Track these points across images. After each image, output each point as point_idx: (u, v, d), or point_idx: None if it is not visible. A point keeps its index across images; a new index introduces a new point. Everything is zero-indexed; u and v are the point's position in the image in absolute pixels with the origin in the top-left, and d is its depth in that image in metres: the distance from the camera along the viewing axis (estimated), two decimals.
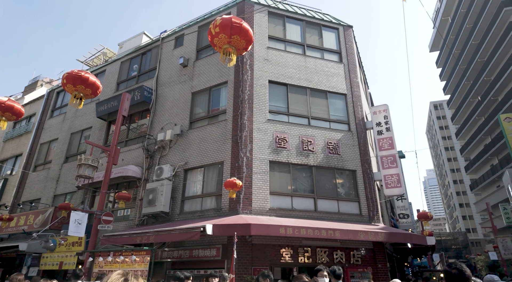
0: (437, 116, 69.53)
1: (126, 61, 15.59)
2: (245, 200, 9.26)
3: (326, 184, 10.45)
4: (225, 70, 11.51)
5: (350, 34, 13.57)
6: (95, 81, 5.17)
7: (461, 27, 41.37)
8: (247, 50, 3.83)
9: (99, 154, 13.15)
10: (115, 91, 14.89)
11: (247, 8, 12.14)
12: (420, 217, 15.30)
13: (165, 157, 11.51)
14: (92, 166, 8.72)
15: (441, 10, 47.27)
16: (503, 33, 31.47)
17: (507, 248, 23.30)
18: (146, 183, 11.34)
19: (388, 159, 11.46)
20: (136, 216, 11.13)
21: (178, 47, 13.66)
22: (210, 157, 10.50)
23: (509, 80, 31.29)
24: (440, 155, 69.02)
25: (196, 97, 12.09)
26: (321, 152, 10.67)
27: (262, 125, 10.45)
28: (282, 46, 12.21)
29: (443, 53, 50.20)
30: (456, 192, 62.23)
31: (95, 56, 19.78)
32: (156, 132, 12.22)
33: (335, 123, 11.51)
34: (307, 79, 11.78)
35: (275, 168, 10.08)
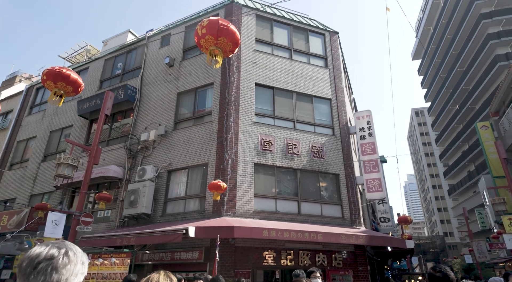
0: (418, 123, 71.47)
1: (111, 59, 15.28)
2: (229, 202, 9.21)
3: (310, 187, 10.54)
4: (212, 71, 11.46)
5: (336, 40, 13.79)
6: (77, 79, 5.03)
7: (442, 37, 42.78)
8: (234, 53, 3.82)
9: (80, 153, 12.80)
10: (98, 89, 14.55)
11: (235, 10, 12.14)
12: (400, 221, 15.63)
13: (148, 157, 11.32)
14: (72, 166, 8.46)
15: (424, 20, 48.75)
16: (481, 44, 32.74)
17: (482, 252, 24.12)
18: (127, 184, 11.11)
19: (370, 163, 11.67)
20: (116, 218, 10.88)
21: (164, 46, 13.51)
22: (194, 158, 10.40)
23: (486, 90, 32.54)
24: (420, 160, 70.91)
25: (182, 97, 11.97)
26: (305, 155, 10.76)
27: (248, 127, 10.44)
28: (269, 49, 12.27)
29: (425, 61, 51.74)
30: (435, 196, 64.03)
31: (78, 53, 19.27)
32: (139, 132, 12.01)
33: (319, 127, 11.63)
34: (293, 83, 11.88)
35: (260, 170, 10.08)
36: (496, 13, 31.96)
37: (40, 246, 1.00)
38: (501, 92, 18.08)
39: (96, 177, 11.14)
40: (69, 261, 0.99)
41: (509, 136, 17.23)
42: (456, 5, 37.32)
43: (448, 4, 39.83)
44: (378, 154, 11.86)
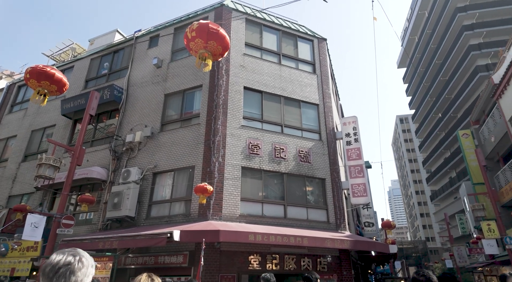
0: (402, 129, 73.04)
1: (97, 58, 15.02)
2: (215, 206, 9.15)
3: (296, 192, 10.59)
4: (200, 74, 11.41)
5: (324, 46, 13.99)
6: (62, 78, 4.92)
7: (426, 47, 44.00)
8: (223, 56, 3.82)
9: (62, 153, 12.48)
10: (83, 88, 14.26)
11: (225, 13, 12.17)
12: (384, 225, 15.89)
13: (133, 159, 11.14)
14: (53, 166, 8.24)
15: (409, 29, 50.07)
16: (463, 55, 33.85)
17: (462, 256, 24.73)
18: (111, 185, 10.89)
19: (356, 168, 11.84)
20: (99, 220, 10.63)
21: (153, 47, 13.39)
22: (181, 161, 10.30)
23: (468, 99, 33.60)
24: (404, 166, 72.37)
25: (169, 99, 11.87)
26: (292, 159, 10.82)
27: (236, 130, 10.43)
28: (258, 53, 12.33)
29: (410, 70, 53.07)
30: (417, 202, 65.39)
31: (63, 51, 18.87)
32: (125, 133, 11.81)
33: (307, 132, 11.73)
34: (282, 87, 11.96)
35: (247, 174, 10.07)
36: (477, 26, 33.15)
37: (58, 254, 1.27)
38: (481, 101, 18.71)
39: (78, 178, 10.88)
40: (82, 266, 1.26)
41: (489, 145, 17.81)
42: (440, 16, 38.52)
43: (432, 15, 41.07)
44: (363, 159, 12.05)
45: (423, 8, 44.64)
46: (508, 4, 33.20)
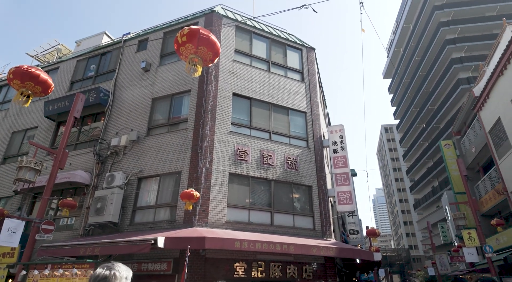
0: (387, 139, 74.47)
1: (83, 60, 14.77)
2: (201, 212, 9.04)
3: (283, 199, 10.59)
4: (189, 79, 11.37)
5: (312, 55, 14.20)
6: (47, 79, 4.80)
7: (411, 59, 45.29)
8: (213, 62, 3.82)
9: (44, 156, 12.13)
10: (68, 90, 13.97)
11: (215, 20, 12.21)
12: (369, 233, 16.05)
13: (118, 163, 10.92)
14: (34, 169, 7.97)
15: (395, 41, 51.48)
16: (446, 68, 35.01)
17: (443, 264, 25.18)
18: (95, 190, 10.63)
19: (342, 176, 11.96)
20: (81, 226, 10.33)
21: (141, 51, 13.27)
22: (167, 166, 10.16)
23: (450, 110, 34.65)
24: (388, 175, 73.59)
25: (157, 103, 11.75)
26: (280, 166, 10.84)
27: (224, 136, 10.40)
28: (248, 60, 12.40)
29: (395, 81, 54.41)
30: (401, 210, 66.45)
31: (48, 52, 18.47)
32: (110, 136, 11.60)
33: (294, 139, 11.81)
34: (271, 94, 12.03)
35: (234, 180, 10.02)
36: (459, 40, 34.41)
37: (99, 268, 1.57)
38: (462, 113, 19.31)
39: (60, 182, 10.57)
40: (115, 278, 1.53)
41: (470, 155, 18.35)
42: (424, 30, 39.79)
43: (417, 28, 42.39)
44: (349, 167, 12.19)
45: (408, 21, 46.04)
46: (487, 21, 34.65)
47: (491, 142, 14.69)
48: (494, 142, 14.41)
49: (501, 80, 13.03)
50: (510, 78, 12.25)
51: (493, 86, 13.76)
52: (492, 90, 13.92)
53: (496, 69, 13.04)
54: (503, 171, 13.72)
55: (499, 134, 13.83)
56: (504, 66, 12.46)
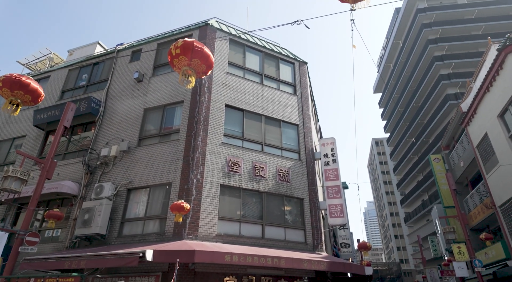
0: (378, 152, 75.24)
1: (75, 69, 14.70)
2: (191, 224, 8.90)
3: (274, 211, 10.52)
4: (182, 90, 11.38)
5: (304, 69, 14.41)
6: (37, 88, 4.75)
7: (401, 74, 46.33)
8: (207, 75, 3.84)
9: (31, 166, 11.88)
10: (59, 99, 13.83)
11: (209, 33, 12.35)
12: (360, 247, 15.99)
13: (108, 174, 10.75)
14: (20, 179, 7.78)
15: (385, 57, 52.70)
16: (434, 83, 35.89)
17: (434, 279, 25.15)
18: (82, 201, 10.41)
19: (333, 189, 11.98)
20: (67, 238, 10.05)
21: (134, 61, 13.29)
22: (157, 177, 10.04)
23: (439, 125, 35.33)
24: (379, 188, 74.02)
25: (149, 113, 11.70)
26: (272, 178, 10.82)
27: (216, 147, 10.37)
28: (241, 73, 12.51)
29: (385, 95, 55.43)
30: (392, 224, 66.59)
31: (40, 60, 18.35)
32: (100, 146, 11.45)
33: (286, 151, 11.84)
34: (263, 107, 12.11)
35: (225, 192, 9.93)
36: (446, 57, 35.44)
37: None
38: (451, 128, 19.70)
39: (47, 192, 10.33)
40: None
41: (458, 169, 18.62)
42: (413, 47, 40.90)
43: (406, 45, 43.55)
44: (340, 180, 12.23)
45: (397, 38, 47.31)
46: (473, 39, 35.86)
47: (479, 156, 14.96)
48: (482, 156, 14.68)
49: (487, 97, 13.39)
50: (496, 95, 12.60)
51: (480, 102, 14.12)
52: (479, 106, 14.28)
53: (482, 85, 13.42)
54: (491, 185, 13.93)
55: (487, 149, 14.11)
56: (490, 83, 12.83)
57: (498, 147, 12.90)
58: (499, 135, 12.67)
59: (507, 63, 11.57)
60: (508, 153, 12.10)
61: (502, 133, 12.44)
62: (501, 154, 12.67)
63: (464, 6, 38.07)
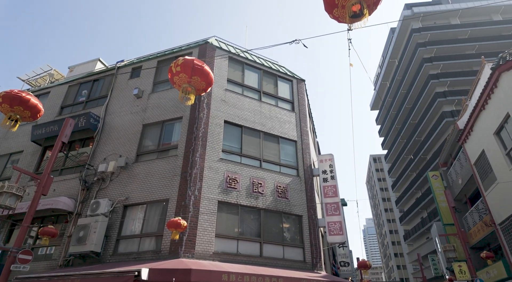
0: (376, 169, 75.14)
1: (75, 85, 14.82)
2: (188, 242, 8.75)
3: (273, 228, 10.38)
4: (181, 106, 11.46)
5: (302, 86, 14.61)
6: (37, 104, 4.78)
7: (397, 92, 46.96)
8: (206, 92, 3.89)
9: (27, 181, 11.77)
10: (58, 115, 13.86)
11: (209, 51, 12.57)
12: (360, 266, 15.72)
13: (104, 190, 10.65)
14: (16, 195, 7.68)
15: (381, 75, 53.56)
16: (430, 101, 36.35)
17: None
18: (78, 218, 10.25)
19: (332, 206, 11.88)
20: (60, 256, 9.82)
21: (134, 78, 13.44)
22: (154, 193, 9.95)
23: (436, 142, 35.52)
24: (378, 205, 73.47)
25: (147, 129, 11.72)
26: (270, 195, 10.74)
27: (214, 163, 10.34)
28: (240, 89, 12.65)
29: (382, 112, 55.97)
30: (391, 241, 65.67)
31: (40, 76, 18.51)
32: (97, 162, 11.39)
33: (285, 167, 11.81)
34: (261, 123, 12.18)
35: (223, 209, 9.83)
36: (442, 75, 36.08)
37: None
38: (448, 145, 19.80)
39: (42, 209, 10.18)
40: None
41: (457, 186, 18.58)
42: (409, 65, 41.68)
43: (402, 63, 44.39)
44: (339, 197, 12.15)
45: (393, 56, 48.26)
46: (467, 58, 36.65)
47: (477, 174, 14.97)
48: (480, 174, 14.69)
49: (483, 114, 13.55)
50: (492, 113, 12.76)
51: (476, 120, 14.27)
52: (475, 124, 14.42)
53: (478, 104, 13.60)
54: (489, 203, 13.88)
55: (484, 166, 14.14)
56: (485, 101, 13.02)
57: (495, 165, 12.94)
58: (496, 152, 12.74)
59: (501, 81, 11.79)
60: (506, 170, 12.13)
61: (499, 151, 12.51)
62: (499, 171, 12.70)
63: (457, 26, 39.13)
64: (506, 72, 11.42)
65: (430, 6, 41.53)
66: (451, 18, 40.68)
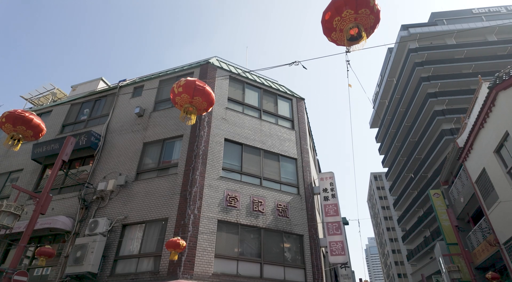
0: (377, 186, 74.53)
1: (77, 104, 14.98)
2: (187, 263, 8.58)
3: (273, 248, 10.21)
4: (182, 124, 11.54)
5: (302, 105, 14.76)
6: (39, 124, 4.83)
7: (396, 110, 47.33)
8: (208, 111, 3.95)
9: (26, 200, 11.68)
10: (59, 133, 13.94)
11: (210, 71, 12.80)
12: None
13: (103, 209, 10.55)
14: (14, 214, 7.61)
15: (380, 93, 54.16)
16: (429, 119, 36.57)
17: None
18: (76, 237, 10.10)
19: (334, 225, 11.73)
20: (57, 276, 9.61)
21: (136, 97, 13.61)
22: (153, 212, 9.85)
23: (436, 160, 35.46)
24: (380, 224, 72.38)
25: (148, 147, 11.75)
26: (270, 213, 10.63)
27: (214, 181, 10.30)
28: (240, 108, 12.78)
29: (381, 130, 56.19)
30: (394, 261, 64.22)
31: (43, 95, 18.74)
32: (97, 180, 11.35)
33: (285, 185, 11.75)
34: (262, 141, 12.23)
35: (223, 228, 9.70)
36: (440, 94, 36.50)
37: None
38: (448, 163, 19.76)
39: (40, 228, 10.06)
40: None
41: (459, 205, 18.39)
42: (407, 84, 42.24)
43: (400, 82, 45.00)
44: (340, 216, 12.01)
45: (391, 75, 48.99)
46: (465, 77, 37.20)
47: (478, 192, 14.86)
48: (482, 192, 14.59)
49: (482, 133, 13.62)
50: (491, 131, 12.82)
51: (475, 138, 14.32)
52: (475, 142, 14.46)
53: (476, 122, 13.69)
54: (492, 222, 13.69)
55: (486, 185, 14.06)
56: (483, 120, 13.11)
57: (497, 183, 12.87)
58: (497, 170, 12.70)
59: (499, 100, 11.92)
60: (507, 188, 12.06)
61: (500, 169, 12.48)
62: (501, 189, 12.61)
63: (453, 46, 39.94)
64: (503, 91, 11.58)
65: (426, 27, 42.53)
66: (447, 38, 41.61)
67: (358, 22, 3.35)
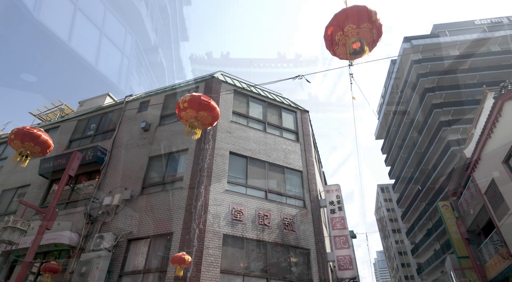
0: (384, 199, 73.40)
1: (84, 119, 15.20)
2: (192, 278, 8.47)
3: (279, 263, 10.04)
4: (187, 138, 11.61)
5: (306, 117, 14.80)
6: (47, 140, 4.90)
7: (401, 121, 47.17)
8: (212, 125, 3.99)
9: (32, 215, 11.71)
10: (66, 148, 14.09)
11: (215, 84, 12.96)
12: None
13: (108, 224, 10.53)
14: (20, 230, 7.64)
15: (384, 105, 54.14)
16: (435, 130, 36.34)
17: None
18: (81, 252, 10.06)
19: (341, 239, 11.54)
20: None
21: (142, 111, 13.77)
22: (159, 227, 9.80)
23: (444, 171, 34.98)
24: (388, 237, 70.96)
25: (153, 161, 11.80)
26: (276, 227, 10.51)
27: (219, 195, 10.26)
28: (245, 121, 12.85)
29: (387, 142, 55.85)
30: (404, 276, 62.54)
31: (51, 111, 19.04)
32: (103, 195, 11.37)
33: (291, 198, 11.66)
34: (267, 154, 12.22)
35: (228, 242, 9.60)
36: (445, 105, 36.38)
37: None
38: (456, 174, 19.49)
39: (45, 244, 10.05)
40: None
41: (468, 217, 18.02)
42: (411, 95, 42.23)
43: (404, 93, 45.01)
44: (347, 229, 11.83)
45: (395, 87, 49.08)
46: (469, 88, 37.12)
47: (488, 203, 14.58)
48: (492, 203, 14.31)
49: (489, 143, 13.47)
50: (498, 141, 12.68)
51: (482, 148, 14.17)
52: (483, 152, 14.29)
53: (483, 132, 13.58)
54: (504, 234, 13.37)
55: (495, 196, 13.80)
56: (490, 130, 13.00)
57: (507, 194, 12.64)
58: (507, 181, 12.49)
59: (505, 110, 11.85)
60: None
61: (509, 180, 12.28)
62: (511, 200, 12.36)
63: (457, 57, 40.05)
64: (509, 100, 11.52)
65: (429, 39, 42.83)
66: (450, 49, 41.77)
67: (360, 37, 3.40)
